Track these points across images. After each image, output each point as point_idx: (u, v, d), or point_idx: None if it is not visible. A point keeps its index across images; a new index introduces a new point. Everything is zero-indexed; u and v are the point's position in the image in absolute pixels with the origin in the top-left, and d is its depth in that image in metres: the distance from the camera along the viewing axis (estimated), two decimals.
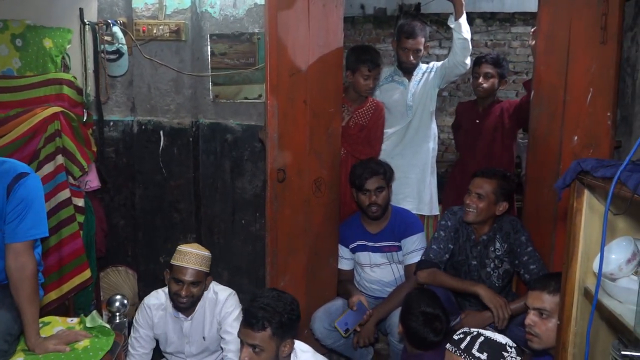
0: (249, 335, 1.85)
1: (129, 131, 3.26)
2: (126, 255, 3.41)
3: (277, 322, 1.85)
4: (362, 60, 2.96)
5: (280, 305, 1.88)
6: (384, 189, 2.76)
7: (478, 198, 2.45)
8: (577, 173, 1.46)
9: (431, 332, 2.13)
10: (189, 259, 2.30)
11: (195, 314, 2.39)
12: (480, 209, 2.45)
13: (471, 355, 1.62)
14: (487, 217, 2.49)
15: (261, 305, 1.87)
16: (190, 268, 2.29)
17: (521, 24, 6.03)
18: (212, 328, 2.39)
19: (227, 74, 3.10)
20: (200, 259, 2.33)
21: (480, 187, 2.45)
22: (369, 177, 2.72)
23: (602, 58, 2.14)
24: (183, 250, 2.34)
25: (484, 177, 2.47)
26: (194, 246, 2.39)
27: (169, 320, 2.44)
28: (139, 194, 3.27)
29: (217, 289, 2.44)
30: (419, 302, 2.18)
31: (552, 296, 1.83)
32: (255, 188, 3.16)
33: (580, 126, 2.25)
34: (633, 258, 1.40)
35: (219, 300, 2.39)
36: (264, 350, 1.84)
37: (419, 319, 2.14)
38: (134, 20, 3.10)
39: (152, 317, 2.44)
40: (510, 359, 1.62)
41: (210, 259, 2.39)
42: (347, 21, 6.10)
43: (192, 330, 2.41)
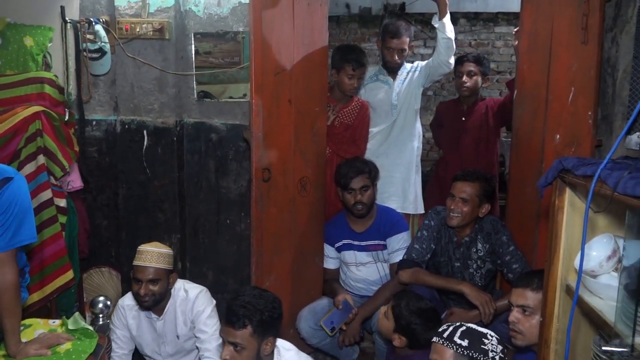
0: (230, 333, 1.85)
1: (112, 130, 3.23)
2: (109, 256, 3.37)
3: (258, 320, 1.84)
4: (346, 59, 2.96)
5: (262, 303, 1.88)
6: (369, 188, 2.77)
7: (462, 202, 2.45)
8: (558, 171, 1.48)
9: (433, 328, 2.12)
10: (146, 257, 2.29)
11: (167, 313, 2.38)
12: (465, 213, 2.46)
13: (453, 342, 1.69)
14: (470, 220, 2.51)
15: (242, 304, 1.86)
16: (148, 266, 2.27)
17: (504, 24, 6.09)
18: (185, 327, 2.38)
19: (211, 73, 3.08)
20: (157, 256, 2.30)
21: (464, 191, 2.45)
22: (354, 176, 2.73)
23: (584, 58, 2.17)
24: (142, 249, 2.32)
25: (467, 181, 2.47)
26: (152, 244, 2.37)
27: (142, 320, 2.43)
28: (122, 194, 3.23)
29: (188, 287, 2.42)
30: (412, 307, 2.17)
31: (535, 293, 1.85)
32: (240, 187, 3.14)
33: (562, 125, 2.28)
34: (613, 255, 1.41)
35: (190, 298, 2.37)
36: (245, 349, 1.84)
37: (418, 320, 2.14)
38: (117, 18, 3.06)
39: (127, 318, 2.43)
40: (490, 345, 1.68)
41: (170, 256, 2.37)
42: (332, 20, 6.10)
43: (165, 329, 2.40)
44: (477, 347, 1.68)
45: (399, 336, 2.16)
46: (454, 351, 1.68)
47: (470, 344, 1.68)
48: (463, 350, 1.67)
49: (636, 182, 1.06)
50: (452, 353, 1.68)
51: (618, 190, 1.12)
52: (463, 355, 1.67)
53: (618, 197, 1.14)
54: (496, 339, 1.72)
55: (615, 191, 1.13)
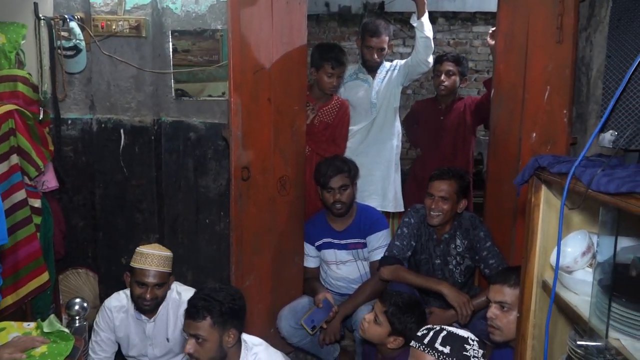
0: (191, 326, 1.86)
1: (88, 129, 3.18)
2: (86, 257, 3.32)
3: (218, 311, 1.85)
4: (326, 58, 2.96)
5: (221, 295, 1.89)
6: (348, 187, 2.77)
7: (442, 201, 2.48)
8: (534, 169, 1.50)
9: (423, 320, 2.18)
10: (152, 261, 2.26)
11: (158, 316, 2.35)
12: (445, 211, 2.49)
13: (434, 349, 1.65)
14: (450, 217, 2.54)
15: (202, 296, 1.88)
16: (153, 270, 2.25)
17: (482, 23, 6.15)
18: (176, 329, 2.36)
19: (190, 71, 3.05)
20: (162, 259, 2.29)
21: (442, 189, 2.48)
22: (333, 175, 2.73)
23: (559, 57, 2.20)
24: (144, 252, 2.28)
25: (444, 179, 2.50)
26: (154, 247, 2.34)
27: (130, 322, 2.39)
28: (99, 194, 3.18)
29: (181, 289, 2.40)
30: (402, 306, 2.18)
31: (513, 289, 1.88)
32: (220, 187, 3.12)
33: (538, 123, 2.31)
34: (588, 251, 1.44)
35: (183, 300, 2.34)
36: (207, 340, 1.85)
37: (412, 317, 2.15)
38: (92, 15, 3.01)
39: (114, 320, 2.38)
40: (472, 351, 1.66)
41: (172, 259, 2.35)
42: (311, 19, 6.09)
43: (155, 332, 2.37)
44: (459, 353, 1.64)
45: (395, 338, 2.16)
46: (434, 358, 1.65)
47: (452, 351, 1.65)
48: (445, 357, 1.64)
49: (609, 180, 1.08)
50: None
51: (592, 187, 1.14)
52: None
53: (592, 194, 1.15)
54: (477, 342, 1.71)
55: (589, 188, 1.15)
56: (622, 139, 1.26)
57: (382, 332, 2.17)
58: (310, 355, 2.90)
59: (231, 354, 1.93)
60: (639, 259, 1.26)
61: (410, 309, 2.17)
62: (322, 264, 2.97)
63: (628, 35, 1.26)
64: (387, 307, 2.17)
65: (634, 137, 1.24)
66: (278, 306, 2.78)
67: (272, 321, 2.78)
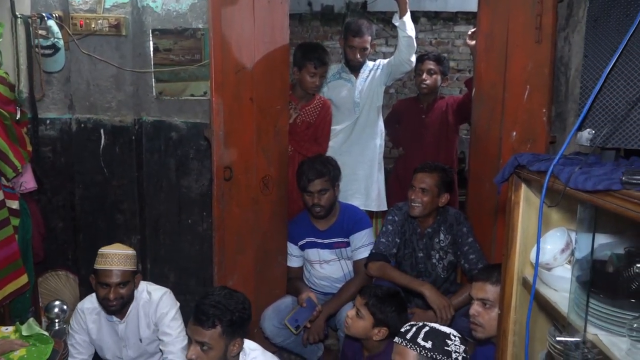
0: (198, 333, 1.82)
1: (67, 129, 3.13)
2: (66, 259, 3.27)
3: (228, 320, 1.83)
4: (308, 57, 2.96)
5: (232, 304, 1.86)
6: (328, 191, 2.75)
7: (422, 192, 2.52)
8: (514, 167, 1.51)
9: (405, 310, 2.24)
10: (112, 260, 2.23)
11: (129, 316, 2.33)
12: (425, 202, 2.52)
13: (417, 344, 1.69)
14: (431, 210, 2.57)
15: (212, 303, 1.84)
16: (114, 269, 2.22)
17: (464, 23, 6.20)
18: (148, 329, 2.34)
19: (171, 70, 3.02)
20: (124, 258, 2.26)
21: (423, 181, 2.52)
22: (313, 179, 2.71)
23: (538, 57, 2.23)
24: (105, 252, 2.26)
25: (426, 172, 2.55)
26: (115, 246, 2.32)
27: (103, 324, 2.37)
28: (78, 195, 3.14)
29: (151, 288, 2.38)
30: (382, 296, 2.22)
31: (495, 286, 1.89)
32: (202, 187, 3.10)
33: (518, 122, 2.34)
34: (566, 248, 1.45)
35: (153, 300, 2.33)
36: (213, 349, 1.82)
37: (392, 306, 2.19)
38: (71, 13, 2.97)
39: (86, 322, 2.37)
40: (454, 346, 1.70)
41: (135, 257, 2.33)
42: (294, 18, 6.08)
43: (127, 333, 2.34)
44: (440, 348, 1.68)
45: (379, 329, 2.18)
46: (417, 353, 1.68)
47: (434, 346, 1.68)
48: (427, 352, 1.67)
49: (586, 177, 1.10)
50: (415, 355, 1.68)
51: (570, 185, 1.15)
52: (427, 357, 1.68)
53: (570, 192, 1.17)
54: (459, 338, 1.74)
55: (567, 186, 1.16)
56: (599, 137, 1.27)
57: (366, 325, 2.19)
58: (294, 355, 2.89)
59: None
60: (616, 255, 1.28)
61: (390, 298, 2.21)
62: (305, 264, 2.97)
63: (604, 35, 1.27)
64: (367, 299, 2.21)
65: (610, 135, 1.25)
66: (262, 306, 2.77)
67: (255, 321, 2.77)
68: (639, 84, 1.20)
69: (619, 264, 1.25)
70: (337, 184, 2.84)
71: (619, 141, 1.25)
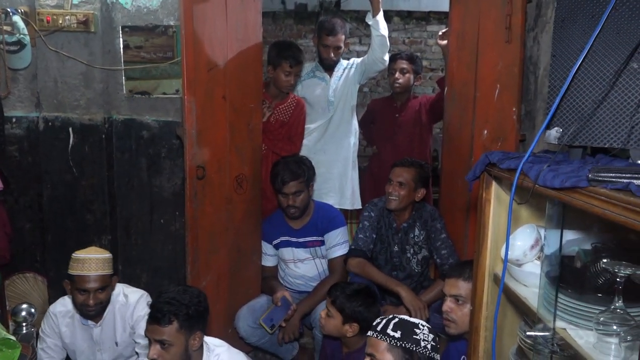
0: (156, 331, 1.82)
1: (34, 128, 3.05)
2: (34, 260, 3.19)
3: (184, 314, 1.82)
4: (283, 56, 2.95)
5: (186, 298, 1.86)
6: (303, 192, 2.75)
7: (399, 186, 2.57)
8: (485, 165, 1.53)
9: (375, 303, 2.28)
10: (90, 266, 2.17)
11: (105, 320, 2.29)
12: (402, 196, 2.57)
13: (386, 334, 1.75)
14: (407, 204, 2.61)
15: (166, 300, 1.84)
16: (92, 275, 2.17)
17: (436, 23, 6.26)
18: (125, 333, 2.30)
19: (143, 68, 2.97)
20: (101, 262, 2.20)
21: (401, 175, 2.57)
22: (287, 181, 2.69)
23: (508, 56, 2.26)
24: (81, 257, 2.19)
25: (403, 167, 2.60)
26: (91, 251, 2.26)
27: (77, 328, 2.32)
28: (46, 195, 3.06)
29: (127, 291, 2.34)
30: (348, 292, 2.25)
31: (467, 283, 1.92)
32: (174, 186, 3.06)
33: (489, 121, 2.37)
34: (536, 244, 1.48)
35: (130, 303, 2.29)
36: (173, 345, 1.81)
37: (358, 300, 2.22)
38: (37, 9, 2.89)
39: (59, 326, 2.31)
40: (422, 334, 1.76)
41: (111, 259, 2.28)
42: (267, 16, 6.05)
43: (102, 336, 2.30)
44: (409, 337, 1.74)
45: (350, 325, 2.20)
46: (387, 343, 1.74)
47: (403, 335, 1.74)
48: (396, 341, 1.73)
49: (554, 175, 1.12)
50: (386, 345, 1.74)
51: (538, 182, 1.17)
52: (396, 347, 1.73)
53: (538, 189, 1.19)
54: (427, 328, 1.81)
55: (536, 183, 1.18)
56: (567, 135, 1.30)
57: (337, 323, 2.23)
58: (269, 355, 2.88)
59: (195, 357, 1.90)
60: (583, 251, 1.31)
61: (356, 293, 2.24)
62: (280, 263, 2.96)
63: (572, 35, 1.30)
64: (334, 297, 2.25)
65: (577, 133, 1.28)
66: (236, 306, 2.75)
67: (230, 322, 2.75)
68: (604, 84, 1.23)
69: (586, 260, 1.28)
70: (311, 184, 2.84)
71: (586, 139, 1.27)
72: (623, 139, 1.21)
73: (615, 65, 1.21)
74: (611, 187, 0.97)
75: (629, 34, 1.18)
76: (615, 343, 1.08)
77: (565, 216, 1.25)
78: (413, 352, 1.74)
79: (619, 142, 1.21)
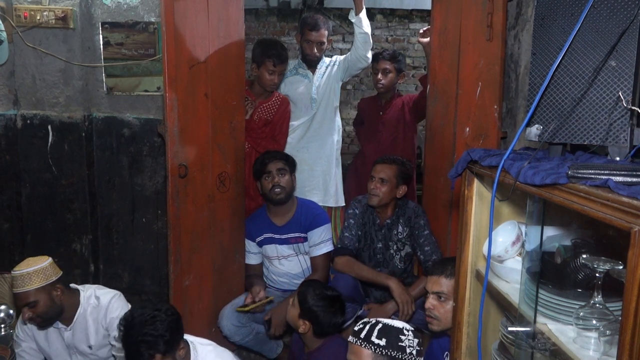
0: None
1: (11, 126, 2.99)
2: (12, 261, 3.12)
3: (163, 344, 1.76)
4: (268, 54, 2.93)
5: (159, 327, 1.78)
6: (287, 172, 2.77)
7: (381, 183, 2.58)
8: (467, 162, 1.54)
9: (337, 313, 2.21)
10: (17, 283, 2.09)
11: (76, 323, 2.24)
12: (383, 192, 2.58)
13: (371, 342, 1.70)
14: (389, 200, 2.62)
15: (140, 339, 1.76)
16: (20, 292, 2.09)
17: (419, 21, 6.29)
18: (98, 335, 2.25)
19: (124, 65, 2.93)
20: (27, 277, 2.09)
21: (382, 172, 2.59)
22: (270, 160, 2.75)
23: (489, 54, 2.28)
24: (12, 274, 2.11)
25: (385, 163, 2.62)
26: (22, 265, 2.14)
27: (50, 331, 2.28)
28: (25, 194, 3.01)
29: (99, 293, 2.28)
30: (316, 291, 2.23)
31: (449, 280, 1.93)
32: (156, 184, 3.03)
33: (471, 118, 2.39)
34: (517, 240, 1.49)
35: (102, 305, 2.24)
36: None
37: (320, 302, 2.19)
38: (14, 5, 2.84)
39: (32, 329, 2.27)
40: (407, 341, 1.72)
41: (44, 270, 2.13)
42: (250, 13, 6.01)
43: (74, 340, 2.26)
44: (394, 345, 1.70)
45: (304, 321, 2.19)
46: (372, 352, 1.69)
47: (388, 343, 1.70)
48: (381, 350, 1.68)
49: (535, 172, 1.12)
50: (370, 354, 1.69)
51: (519, 179, 1.18)
52: (382, 355, 1.69)
53: (519, 186, 1.20)
54: (412, 332, 1.77)
55: (517, 180, 1.19)
56: (547, 132, 1.31)
57: (294, 314, 2.22)
58: (253, 353, 2.87)
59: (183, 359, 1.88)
60: (563, 247, 1.33)
61: (324, 297, 2.22)
62: (264, 260, 2.95)
63: (551, 33, 1.31)
64: (301, 288, 2.25)
65: (557, 130, 1.29)
66: (219, 305, 2.73)
67: (213, 321, 2.73)
68: (583, 82, 1.24)
69: (566, 255, 1.29)
70: (293, 174, 2.85)
71: (565, 136, 1.29)
72: (601, 136, 1.22)
73: (593, 63, 1.22)
74: (590, 184, 0.98)
75: (607, 32, 1.20)
76: (595, 337, 1.09)
77: (545, 213, 1.26)
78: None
79: (598, 139, 1.23)
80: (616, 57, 1.19)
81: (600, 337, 1.08)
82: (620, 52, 1.19)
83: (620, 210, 0.87)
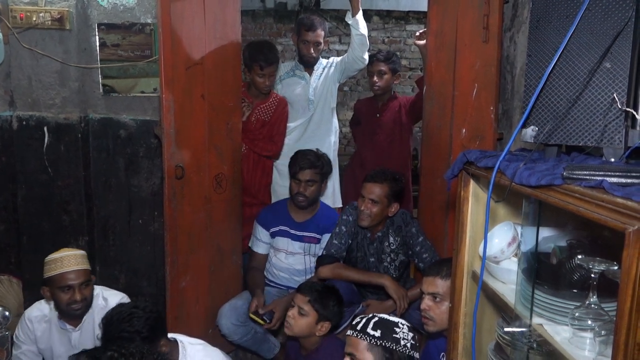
0: None
1: (7, 127, 2.98)
2: (9, 262, 3.12)
3: (141, 339, 1.76)
4: (254, 58, 2.94)
5: (135, 324, 1.78)
6: (316, 183, 2.76)
7: (372, 203, 2.51)
8: (463, 164, 1.54)
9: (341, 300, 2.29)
10: (68, 262, 2.14)
11: (84, 324, 2.25)
12: (374, 214, 2.52)
13: (366, 333, 1.77)
14: (381, 219, 2.58)
15: (116, 336, 1.76)
16: (73, 269, 2.14)
17: (415, 22, 6.31)
18: None
19: (121, 66, 2.93)
20: (78, 258, 2.18)
21: (373, 192, 2.51)
22: (304, 168, 2.72)
23: (485, 56, 2.29)
24: (56, 257, 2.16)
25: (376, 182, 2.52)
26: (63, 250, 2.22)
27: (54, 332, 2.27)
28: (21, 196, 3.00)
29: (107, 294, 2.31)
30: (326, 291, 2.27)
31: (445, 281, 1.94)
32: (153, 186, 3.02)
33: (467, 120, 2.40)
34: (513, 241, 1.50)
35: (110, 306, 2.23)
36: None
37: (335, 300, 2.24)
38: (10, 5, 2.82)
39: (34, 331, 2.26)
40: (402, 333, 1.79)
41: (86, 256, 2.26)
42: (247, 14, 6.02)
43: (81, 341, 2.26)
44: (389, 336, 1.76)
45: (322, 324, 2.20)
46: (367, 342, 1.75)
47: (383, 334, 1.76)
48: (376, 340, 1.75)
49: (530, 173, 1.13)
50: (365, 344, 1.76)
51: (515, 180, 1.18)
52: (377, 346, 1.75)
53: (515, 187, 1.20)
54: (407, 326, 1.83)
55: (513, 181, 1.19)
56: (542, 134, 1.32)
57: (310, 321, 2.20)
58: (250, 353, 2.87)
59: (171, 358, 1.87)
60: (558, 247, 1.33)
61: (330, 293, 2.26)
62: (270, 251, 2.93)
63: (547, 35, 1.32)
64: (310, 295, 2.22)
65: (552, 132, 1.30)
66: (216, 306, 2.73)
67: (210, 322, 2.73)
68: (578, 83, 1.25)
69: (562, 256, 1.30)
70: (325, 181, 2.85)
71: (561, 138, 1.30)
72: (597, 137, 1.23)
73: (589, 65, 1.23)
74: (585, 185, 0.99)
75: (602, 34, 1.20)
76: (590, 338, 1.10)
77: (541, 214, 1.26)
78: (393, 351, 1.76)
79: (593, 140, 1.24)
80: (611, 59, 1.20)
81: (595, 337, 1.08)
82: (615, 54, 1.19)
83: (615, 211, 0.88)
